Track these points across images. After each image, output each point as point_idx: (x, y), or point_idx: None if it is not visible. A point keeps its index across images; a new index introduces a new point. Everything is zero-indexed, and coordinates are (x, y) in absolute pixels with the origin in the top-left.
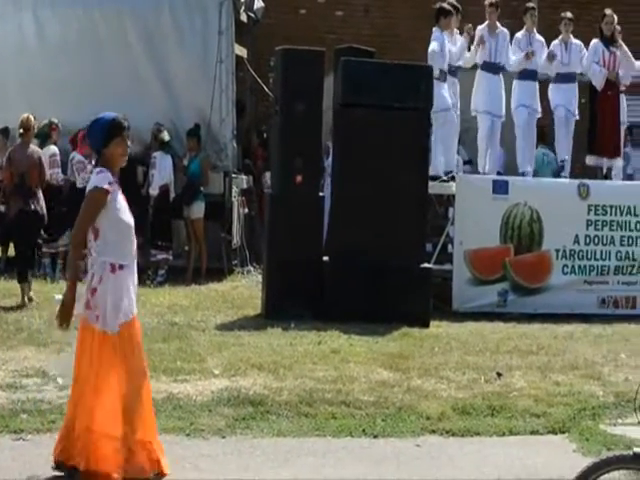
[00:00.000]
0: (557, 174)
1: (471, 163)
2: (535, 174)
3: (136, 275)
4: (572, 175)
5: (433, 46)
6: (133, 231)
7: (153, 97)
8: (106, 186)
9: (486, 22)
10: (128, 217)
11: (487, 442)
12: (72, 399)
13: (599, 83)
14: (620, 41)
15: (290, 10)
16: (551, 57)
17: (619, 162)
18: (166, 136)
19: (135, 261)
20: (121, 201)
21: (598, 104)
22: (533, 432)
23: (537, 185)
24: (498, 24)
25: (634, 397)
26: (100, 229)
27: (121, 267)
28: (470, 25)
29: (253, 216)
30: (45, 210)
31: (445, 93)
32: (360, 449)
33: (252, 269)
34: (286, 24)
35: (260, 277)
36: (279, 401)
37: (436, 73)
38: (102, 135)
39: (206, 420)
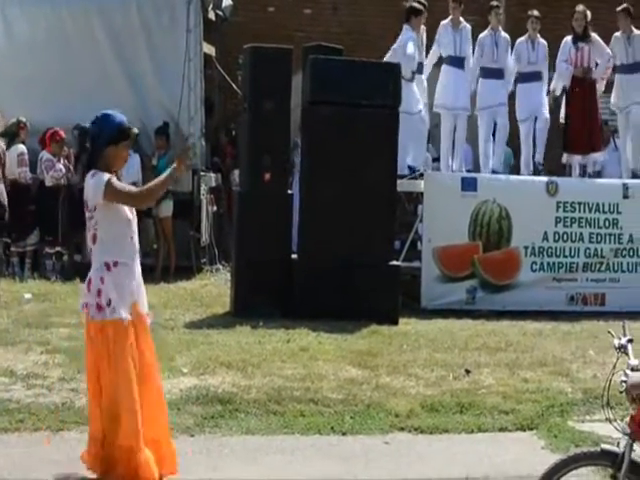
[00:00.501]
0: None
1: (439, 160)
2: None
3: (138, 272)
4: (547, 173)
5: (409, 48)
6: (134, 228)
7: (121, 96)
8: (108, 177)
9: (449, 17)
10: (126, 212)
11: (456, 439)
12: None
13: (565, 81)
14: (593, 35)
15: (258, 8)
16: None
17: (597, 157)
18: (135, 130)
19: (137, 259)
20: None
21: (569, 101)
22: (502, 429)
23: (506, 182)
24: (461, 19)
25: (602, 394)
26: (98, 233)
27: (115, 264)
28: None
29: (222, 214)
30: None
31: (415, 93)
32: (328, 446)
33: (221, 267)
34: (254, 22)
35: (229, 275)
36: (248, 399)
37: (408, 74)
38: (114, 133)
39: (175, 418)
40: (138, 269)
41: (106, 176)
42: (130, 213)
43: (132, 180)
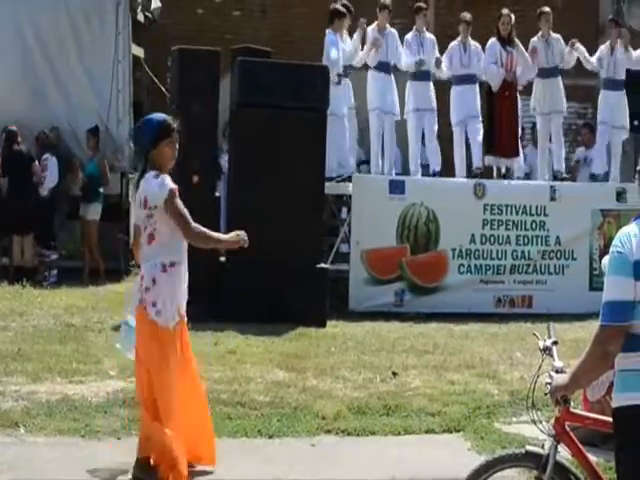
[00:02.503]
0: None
1: (368, 163)
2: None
3: (186, 273)
4: (471, 175)
5: (332, 52)
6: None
7: (50, 98)
8: (173, 185)
9: (375, 22)
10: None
11: (382, 441)
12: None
13: (496, 84)
14: (517, 40)
15: (187, 10)
16: (438, 63)
17: (519, 161)
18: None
19: (186, 258)
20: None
21: (496, 104)
22: (428, 431)
23: (433, 185)
24: (387, 25)
25: (527, 396)
26: (156, 233)
27: (172, 264)
28: (363, 20)
29: None
30: None
31: (341, 96)
32: (255, 449)
33: None
34: (183, 24)
35: None
36: None
37: (334, 77)
38: (151, 136)
39: (101, 421)
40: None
41: (171, 184)
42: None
43: (52, 184)
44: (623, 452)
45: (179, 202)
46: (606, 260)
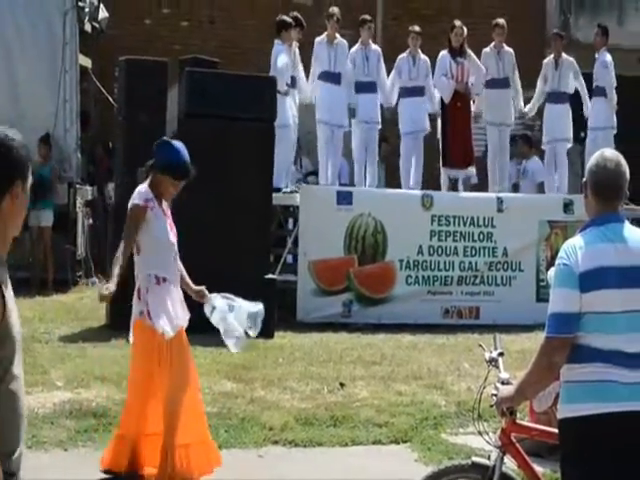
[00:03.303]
0: None
1: (316, 174)
2: None
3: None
4: (425, 188)
5: (281, 62)
6: (175, 247)
7: None
8: (141, 202)
9: (325, 33)
10: (168, 233)
11: (330, 452)
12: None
13: (447, 95)
14: (469, 51)
15: (135, 20)
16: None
17: (472, 172)
18: None
19: (178, 277)
20: (156, 221)
21: (448, 116)
22: (375, 442)
23: (381, 196)
24: (337, 35)
25: (473, 407)
26: (140, 243)
27: (164, 280)
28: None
29: (98, 227)
30: None
31: (287, 107)
32: None
33: (97, 280)
34: (131, 34)
35: None
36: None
37: (283, 88)
38: (180, 166)
39: (48, 432)
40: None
41: (136, 199)
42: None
43: None
44: (568, 463)
45: (133, 220)
46: (552, 272)
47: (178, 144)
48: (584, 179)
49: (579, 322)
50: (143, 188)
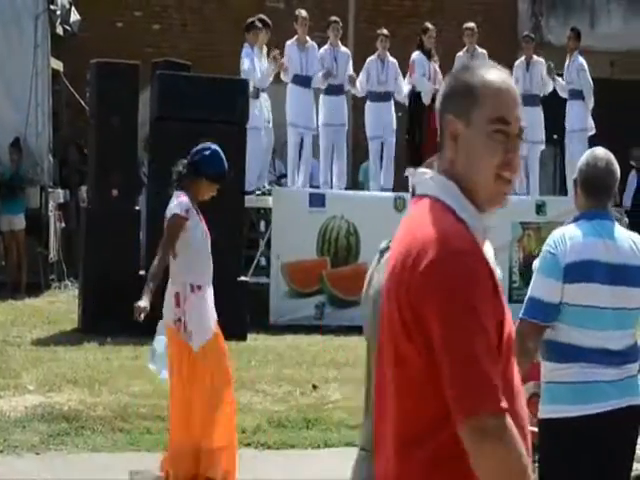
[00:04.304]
0: None
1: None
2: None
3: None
4: (398, 190)
5: (245, 64)
6: (209, 253)
7: None
8: (182, 213)
9: (295, 36)
10: (201, 239)
11: (302, 455)
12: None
13: (428, 97)
14: (436, 56)
15: (107, 23)
16: (327, 75)
17: None
18: None
19: (211, 278)
20: (199, 225)
21: (423, 118)
22: (348, 444)
23: (354, 198)
24: (308, 38)
25: None
26: (177, 250)
27: (199, 287)
28: (277, 51)
29: (71, 230)
30: None
31: (257, 110)
32: None
33: (70, 284)
34: (103, 37)
35: (77, 292)
36: (94, 416)
37: (251, 91)
38: (216, 171)
39: (20, 436)
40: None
41: (176, 209)
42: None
43: None
44: (549, 463)
45: (173, 231)
46: (537, 262)
47: (218, 149)
48: (574, 176)
49: (558, 312)
50: (182, 197)
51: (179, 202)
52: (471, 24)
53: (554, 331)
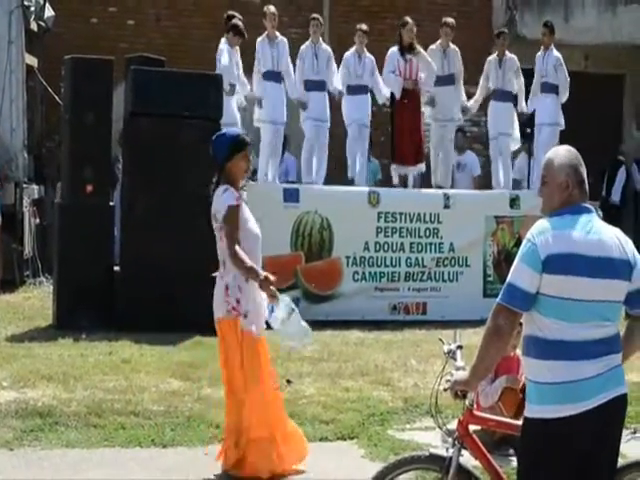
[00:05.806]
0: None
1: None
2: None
3: None
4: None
5: (225, 59)
6: (260, 242)
7: None
8: (234, 202)
9: (265, 33)
10: (255, 228)
11: None
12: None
13: (397, 92)
14: (419, 47)
15: (81, 19)
16: (303, 107)
17: (422, 168)
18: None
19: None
20: (247, 213)
21: (396, 113)
22: (322, 439)
23: (328, 193)
24: (277, 33)
25: (431, 394)
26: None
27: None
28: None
29: (46, 226)
30: None
31: (233, 107)
32: (149, 459)
33: (44, 280)
34: (77, 33)
35: (52, 288)
36: (68, 412)
37: (226, 87)
38: (226, 150)
39: None
40: None
41: (231, 200)
42: (257, 229)
43: None
44: (530, 460)
45: (234, 220)
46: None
47: (223, 130)
48: (542, 171)
49: (535, 302)
50: (227, 188)
51: (228, 194)
52: (450, 20)
53: (535, 325)
